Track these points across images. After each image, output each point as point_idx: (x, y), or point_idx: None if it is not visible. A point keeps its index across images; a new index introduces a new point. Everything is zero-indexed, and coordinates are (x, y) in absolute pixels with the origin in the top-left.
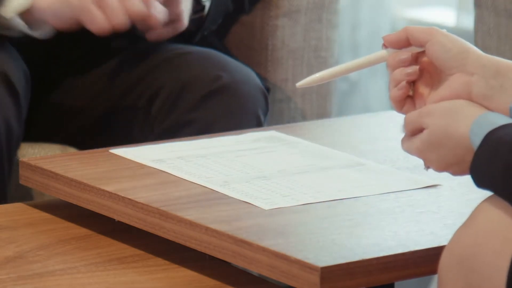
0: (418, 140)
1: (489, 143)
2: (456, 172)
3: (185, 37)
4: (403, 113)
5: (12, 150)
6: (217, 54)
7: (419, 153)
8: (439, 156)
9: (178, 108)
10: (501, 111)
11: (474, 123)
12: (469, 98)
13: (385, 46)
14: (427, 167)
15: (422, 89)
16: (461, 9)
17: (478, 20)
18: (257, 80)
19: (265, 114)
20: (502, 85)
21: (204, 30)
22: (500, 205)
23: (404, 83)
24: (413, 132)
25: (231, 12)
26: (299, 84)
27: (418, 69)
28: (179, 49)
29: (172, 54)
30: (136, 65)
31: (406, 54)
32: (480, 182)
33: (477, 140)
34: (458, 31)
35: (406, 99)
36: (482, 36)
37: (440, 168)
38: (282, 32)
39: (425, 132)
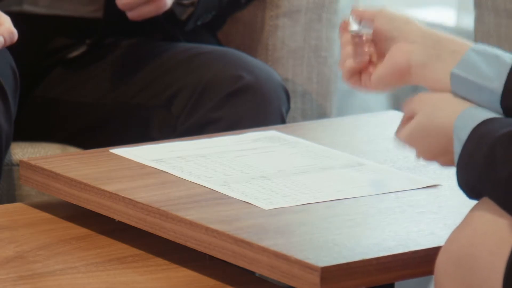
0: (407, 127)
1: (472, 140)
2: (444, 163)
3: (178, 25)
4: (349, 83)
5: (1, 149)
6: (236, 53)
7: (408, 140)
8: (425, 145)
9: (202, 107)
10: (437, 79)
11: (459, 117)
12: (408, 65)
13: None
14: (417, 156)
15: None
16: (461, 9)
17: (478, 20)
18: (278, 78)
19: (287, 111)
20: (439, 55)
21: (196, 17)
22: (495, 206)
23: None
24: (407, 118)
25: (225, 4)
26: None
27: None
28: (196, 49)
29: (190, 54)
30: (148, 63)
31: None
32: (462, 180)
33: (461, 134)
34: (458, 31)
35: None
36: (482, 36)
37: (427, 157)
38: (282, 32)
39: (413, 120)
